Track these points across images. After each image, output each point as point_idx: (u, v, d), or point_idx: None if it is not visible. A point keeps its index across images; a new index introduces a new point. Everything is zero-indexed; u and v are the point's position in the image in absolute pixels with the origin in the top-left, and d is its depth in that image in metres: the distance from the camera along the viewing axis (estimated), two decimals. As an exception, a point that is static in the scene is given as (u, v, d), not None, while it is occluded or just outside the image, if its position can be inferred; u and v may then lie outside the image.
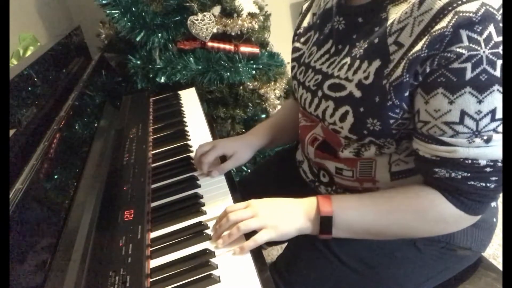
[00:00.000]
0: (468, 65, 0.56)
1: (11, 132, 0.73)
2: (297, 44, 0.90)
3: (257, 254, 0.68)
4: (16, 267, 0.54)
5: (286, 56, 1.59)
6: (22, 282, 0.54)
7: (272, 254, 1.60)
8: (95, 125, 1.09)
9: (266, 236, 0.69)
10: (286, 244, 0.88)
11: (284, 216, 0.71)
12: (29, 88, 0.91)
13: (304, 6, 0.92)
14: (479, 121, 0.58)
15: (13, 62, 1.13)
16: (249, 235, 0.70)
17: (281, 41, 1.68)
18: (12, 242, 0.54)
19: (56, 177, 0.77)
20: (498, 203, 0.82)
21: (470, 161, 0.60)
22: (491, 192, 0.63)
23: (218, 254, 0.69)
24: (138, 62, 1.45)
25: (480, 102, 0.57)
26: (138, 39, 1.38)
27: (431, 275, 0.76)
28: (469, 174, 0.61)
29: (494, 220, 0.80)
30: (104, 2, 1.36)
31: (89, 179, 0.86)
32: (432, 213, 0.66)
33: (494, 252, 1.50)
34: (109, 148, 1.03)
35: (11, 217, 0.56)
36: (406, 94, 0.63)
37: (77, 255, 0.66)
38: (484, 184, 0.62)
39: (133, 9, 1.36)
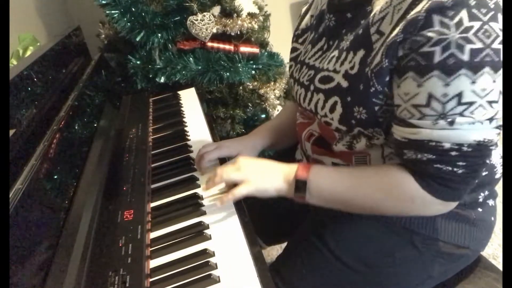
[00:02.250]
0: (437, 49, 0.58)
1: (11, 132, 0.73)
2: (295, 45, 0.92)
3: (257, 254, 0.68)
4: (16, 267, 0.54)
5: (286, 56, 1.59)
6: (22, 282, 0.54)
7: (272, 254, 1.60)
8: (95, 125, 1.09)
9: (244, 189, 0.74)
10: (286, 244, 0.88)
11: (265, 174, 0.76)
12: (29, 88, 0.91)
13: (303, 9, 0.93)
14: (445, 104, 0.59)
15: (13, 62, 1.14)
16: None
17: (281, 41, 1.68)
18: (12, 242, 0.54)
19: (56, 177, 0.78)
20: (497, 202, 0.82)
21: (434, 143, 0.62)
22: (458, 178, 0.63)
23: (218, 254, 0.69)
24: (138, 62, 1.45)
25: (446, 85, 0.58)
26: (138, 39, 1.38)
27: (430, 275, 0.77)
28: (434, 157, 0.62)
29: (492, 219, 0.80)
30: (104, 2, 1.36)
31: (89, 179, 0.86)
32: (398, 190, 0.68)
33: (494, 252, 1.50)
34: (109, 148, 1.03)
35: (11, 217, 0.57)
36: (387, 79, 0.65)
37: (77, 255, 0.66)
38: (450, 168, 0.63)
39: (133, 9, 1.36)
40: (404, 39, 0.60)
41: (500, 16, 0.57)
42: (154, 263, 0.70)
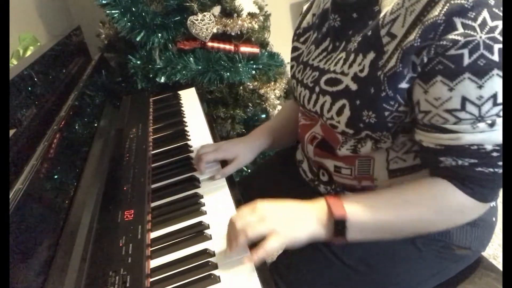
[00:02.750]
0: (465, 51, 0.56)
1: (11, 132, 0.73)
2: (297, 44, 0.90)
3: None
4: (16, 267, 0.54)
5: (286, 56, 1.59)
6: (22, 282, 0.54)
7: (272, 254, 1.59)
8: (95, 125, 1.09)
9: (276, 242, 0.63)
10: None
11: (294, 221, 0.66)
12: (29, 88, 0.91)
13: (305, 7, 0.93)
14: (481, 107, 0.57)
15: (13, 62, 1.14)
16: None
17: (281, 41, 1.68)
18: (12, 242, 0.54)
19: (56, 177, 0.77)
20: (498, 203, 0.82)
21: (476, 147, 0.59)
22: (499, 177, 0.62)
23: (218, 254, 0.69)
24: (138, 62, 1.45)
25: (480, 87, 0.57)
26: (138, 39, 1.38)
27: (431, 275, 0.76)
28: (476, 161, 0.60)
29: (494, 219, 0.80)
30: (104, 2, 1.36)
31: (89, 179, 0.86)
32: (446, 203, 0.65)
33: (494, 252, 1.50)
34: (109, 148, 1.03)
35: (11, 217, 0.56)
36: (401, 86, 0.63)
37: (77, 255, 0.66)
38: (492, 170, 0.61)
39: (133, 9, 1.36)
40: (425, 45, 0.58)
41: None
42: (154, 263, 0.70)
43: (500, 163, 0.60)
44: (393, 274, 0.75)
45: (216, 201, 0.83)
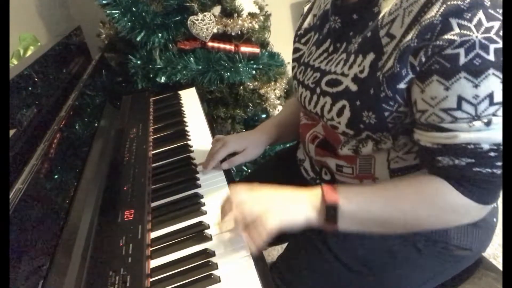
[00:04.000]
0: (461, 51, 0.56)
1: (11, 132, 0.73)
2: (298, 45, 0.90)
3: (257, 254, 0.68)
4: (16, 267, 0.54)
5: (286, 56, 1.59)
6: (22, 282, 0.54)
7: (272, 254, 1.60)
8: (95, 125, 1.09)
9: (272, 223, 0.64)
10: (286, 244, 0.88)
11: (290, 204, 0.68)
12: (29, 88, 0.91)
13: (306, 8, 0.93)
14: (477, 106, 0.58)
15: (13, 62, 1.14)
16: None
17: (281, 41, 1.68)
18: (12, 242, 0.54)
19: (56, 177, 0.78)
20: (498, 203, 0.82)
21: (472, 146, 0.59)
22: (498, 179, 0.61)
23: (218, 254, 0.69)
24: (138, 62, 1.45)
25: (476, 86, 0.57)
26: (138, 39, 1.38)
27: (431, 276, 0.76)
28: (473, 160, 0.60)
29: (494, 220, 0.80)
30: (104, 2, 1.36)
31: (89, 179, 0.86)
32: (439, 201, 0.64)
33: (494, 252, 1.50)
34: (109, 148, 1.03)
35: (11, 217, 0.57)
36: (400, 86, 0.63)
37: (77, 255, 0.66)
38: (490, 170, 0.60)
39: (133, 9, 1.36)
40: (421, 45, 0.59)
41: None
42: (154, 263, 0.70)
43: (499, 163, 0.60)
44: (393, 275, 0.75)
45: (216, 201, 0.83)
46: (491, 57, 0.56)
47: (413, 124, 0.67)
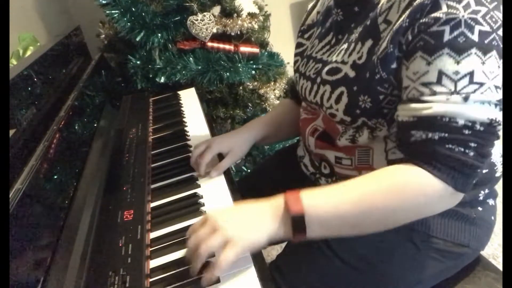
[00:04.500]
0: (447, 28, 0.58)
1: (11, 132, 0.73)
2: (301, 40, 0.92)
3: (256, 253, 0.68)
4: (16, 267, 0.54)
5: (286, 56, 1.60)
6: (22, 282, 0.54)
7: (272, 254, 1.60)
8: (95, 125, 1.09)
9: (231, 254, 0.59)
10: (285, 243, 0.88)
11: (248, 223, 0.63)
12: (29, 88, 0.91)
13: (310, 5, 0.94)
14: (457, 82, 0.59)
15: (13, 62, 1.14)
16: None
17: (281, 41, 1.68)
18: (12, 242, 0.54)
19: (56, 177, 0.77)
20: (497, 202, 0.82)
21: (447, 119, 0.59)
22: (470, 160, 0.59)
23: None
24: (138, 62, 1.45)
25: (457, 62, 0.58)
26: (138, 39, 1.38)
27: (430, 273, 0.76)
28: (446, 135, 0.59)
29: (492, 218, 0.81)
30: (104, 2, 1.36)
31: (89, 179, 0.86)
32: (408, 187, 0.61)
33: (494, 252, 1.50)
34: (109, 148, 1.03)
35: (11, 217, 0.56)
36: (393, 66, 0.65)
37: (77, 255, 0.66)
38: (462, 149, 0.59)
39: (133, 9, 1.36)
40: (410, 24, 0.61)
41: (501, 7, 0.59)
42: (154, 263, 0.70)
43: (472, 144, 0.59)
44: (393, 273, 0.75)
45: (216, 201, 0.83)
46: (475, 37, 0.58)
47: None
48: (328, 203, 0.63)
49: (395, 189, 0.62)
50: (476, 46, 0.58)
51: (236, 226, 0.63)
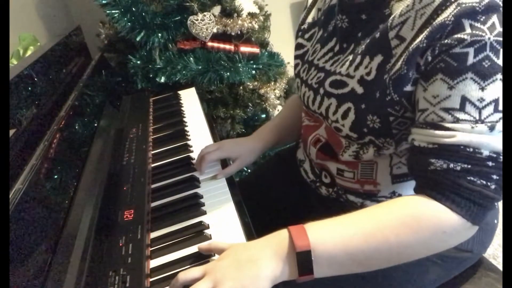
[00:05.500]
0: (471, 50, 0.54)
1: (11, 132, 0.73)
2: (301, 41, 0.89)
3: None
4: (16, 267, 0.54)
5: (286, 56, 1.60)
6: (22, 282, 0.54)
7: None
8: (95, 125, 1.09)
9: None
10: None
11: (250, 273, 0.56)
12: (29, 88, 0.91)
13: (310, 1, 0.90)
14: (482, 110, 0.55)
15: (13, 62, 1.13)
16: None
17: (281, 41, 1.68)
18: (12, 242, 0.54)
19: (56, 177, 0.77)
20: (499, 204, 0.82)
21: (471, 150, 0.55)
22: (491, 193, 0.56)
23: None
24: (138, 62, 1.45)
25: (482, 89, 0.55)
26: (138, 39, 1.38)
27: (432, 278, 0.76)
28: (469, 166, 0.55)
29: (495, 221, 0.80)
30: (104, 2, 1.36)
31: (89, 179, 0.86)
32: (425, 222, 0.57)
33: (494, 252, 1.50)
34: (109, 148, 1.03)
35: (11, 217, 0.56)
36: (406, 89, 0.61)
37: (77, 255, 0.66)
38: (484, 182, 0.55)
39: (133, 9, 1.36)
40: (429, 45, 0.57)
41: None
42: (154, 263, 0.70)
43: (494, 176, 0.56)
44: (394, 277, 0.75)
45: (216, 201, 0.83)
46: (500, 62, 0.54)
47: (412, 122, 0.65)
48: (337, 238, 0.58)
49: (410, 224, 0.57)
50: (501, 71, 0.54)
51: (236, 280, 0.56)
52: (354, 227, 0.59)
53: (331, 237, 0.58)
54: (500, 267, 0.82)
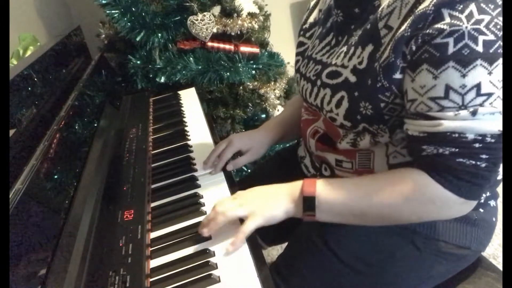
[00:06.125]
0: (450, 40, 0.58)
1: (11, 132, 0.73)
2: (302, 39, 0.92)
3: (257, 254, 0.68)
4: (16, 267, 0.54)
5: (286, 56, 1.60)
6: (22, 282, 0.54)
7: (272, 254, 1.60)
8: (95, 125, 1.09)
9: (252, 224, 0.70)
10: (286, 244, 0.88)
11: (269, 200, 0.73)
12: (29, 88, 0.91)
13: (312, 2, 0.94)
14: (464, 95, 0.58)
15: (13, 62, 1.13)
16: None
17: (281, 41, 1.68)
18: (12, 242, 0.54)
19: (56, 177, 0.77)
20: (498, 203, 0.82)
21: (457, 135, 0.60)
22: (481, 171, 0.61)
23: (218, 254, 0.69)
24: (138, 62, 1.45)
25: (464, 76, 0.58)
26: (138, 39, 1.38)
27: (430, 275, 0.76)
28: (457, 150, 0.60)
29: (494, 219, 0.80)
30: (104, 2, 1.36)
31: (89, 179, 0.86)
32: (417, 193, 0.65)
33: (494, 252, 1.50)
34: (109, 148, 1.03)
35: (11, 217, 0.56)
36: (395, 76, 0.64)
37: (77, 255, 0.66)
38: (474, 162, 0.60)
39: (133, 9, 1.36)
40: (413, 34, 0.60)
41: None
42: (154, 263, 0.70)
43: (483, 156, 0.60)
44: (393, 274, 0.75)
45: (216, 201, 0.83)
46: (480, 48, 0.57)
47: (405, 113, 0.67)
48: (339, 192, 0.69)
49: (402, 191, 0.65)
50: (481, 57, 0.57)
51: (258, 202, 0.72)
52: (357, 187, 0.70)
53: (335, 190, 0.69)
54: (500, 266, 0.82)
